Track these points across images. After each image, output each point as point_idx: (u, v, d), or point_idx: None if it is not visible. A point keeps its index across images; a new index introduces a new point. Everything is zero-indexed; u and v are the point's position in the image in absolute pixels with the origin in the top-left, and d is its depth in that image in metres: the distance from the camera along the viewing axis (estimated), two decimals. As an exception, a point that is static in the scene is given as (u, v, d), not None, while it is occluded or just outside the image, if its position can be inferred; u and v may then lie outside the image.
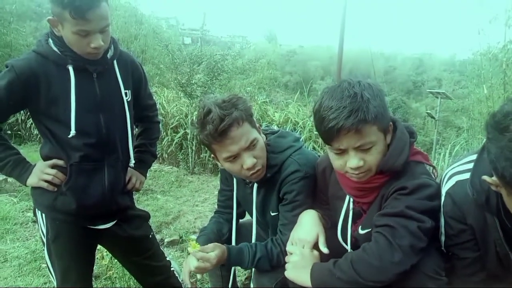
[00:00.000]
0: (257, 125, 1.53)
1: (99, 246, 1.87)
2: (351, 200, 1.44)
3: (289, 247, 1.46)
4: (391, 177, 1.32)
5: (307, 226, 1.47)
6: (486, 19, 6.34)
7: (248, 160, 1.45)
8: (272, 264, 1.55)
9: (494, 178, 0.99)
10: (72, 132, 1.48)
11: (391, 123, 1.31)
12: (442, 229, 1.27)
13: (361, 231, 1.41)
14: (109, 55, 1.57)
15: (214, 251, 1.46)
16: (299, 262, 1.39)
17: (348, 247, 1.47)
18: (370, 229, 1.36)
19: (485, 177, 1.03)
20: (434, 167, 1.39)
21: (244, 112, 1.43)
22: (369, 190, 1.37)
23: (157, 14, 16.59)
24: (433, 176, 1.35)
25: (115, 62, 1.60)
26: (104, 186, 1.59)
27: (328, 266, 1.30)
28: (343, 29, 10.70)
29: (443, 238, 1.28)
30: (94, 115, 1.54)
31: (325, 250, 1.42)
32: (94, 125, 1.54)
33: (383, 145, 1.28)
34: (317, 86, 18.19)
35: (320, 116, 1.23)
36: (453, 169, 1.27)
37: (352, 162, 1.25)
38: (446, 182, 1.25)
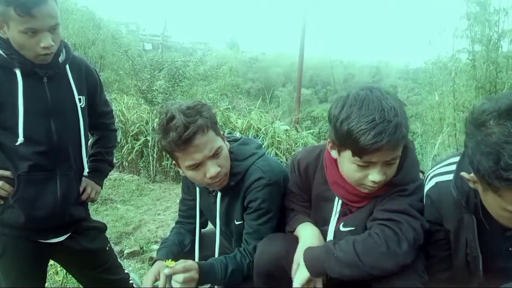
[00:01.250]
0: (221, 132, 1.51)
1: (52, 261, 1.76)
2: (340, 202, 1.42)
3: (294, 269, 1.38)
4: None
5: (313, 245, 1.39)
6: (436, 30, 6.72)
7: (212, 169, 1.41)
8: (243, 275, 1.52)
9: (472, 174, 1.02)
10: (20, 139, 1.40)
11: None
12: None
13: (342, 228, 1.41)
14: (60, 59, 1.50)
15: (192, 270, 1.37)
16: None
17: None
18: (353, 228, 1.37)
19: (464, 174, 1.06)
20: (422, 172, 1.43)
21: (209, 120, 1.40)
22: (368, 197, 1.36)
23: (116, 19, 16.20)
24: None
25: (67, 66, 1.53)
26: (56, 197, 1.51)
27: (326, 245, 1.29)
28: (303, 37, 10.96)
29: None
30: (44, 122, 1.47)
31: None
32: (44, 132, 1.46)
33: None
34: (278, 92, 18.42)
35: (356, 127, 1.14)
36: (434, 171, 1.31)
37: (376, 176, 1.21)
38: (427, 184, 1.29)
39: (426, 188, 1.28)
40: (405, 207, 1.25)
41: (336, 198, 1.42)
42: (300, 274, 1.33)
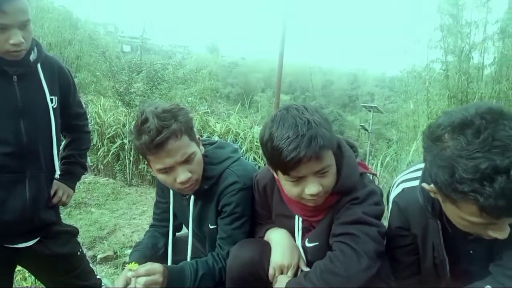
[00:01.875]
0: (197, 136, 1.49)
1: (19, 267, 1.70)
2: (301, 218, 1.44)
3: (271, 274, 1.40)
4: (343, 194, 1.34)
5: (288, 250, 1.42)
6: (411, 40, 6.93)
7: (182, 175, 1.39)
8: (215, 280, 1.49)
9: (432, 185, 1.05)
10: None
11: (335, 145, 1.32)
12: None
13: (308, 244, 1.42)
14: (32, 57, 1.46)
15: (155, 273, 1.34)
16: None
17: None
18: (317, 243, 1.38)
19: (424, 185, 1.09)
20: (374, 175, 1.44)
21: (184, 125, 1.37)
22: (321, 210, 1.37)
23: (94, 20, 15.89)
24: (375, 182, 1.41)
25: (39, 66, 1.49)
26: (25, 200, 1.46)
27: (299, 280, 1.30)
28: (283, 43, 11.02)
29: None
30: (13, 122, 1.42)
31: (307, 269, 1.39)
32: (13, 132, 1.42)
33: (334, 166, 1.28)
34: (258, 98, 18.51)
35: (276, 146, 1.19)
36: (401, 177, 1.34)
37: (311, 189, 1.23)
38: (394, 190, 1.31)
39: (393, 194, 1.30)
40: (359, 216, 1.26)
41: (296, 215, 1.44)
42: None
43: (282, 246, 1.43)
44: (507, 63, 5.80)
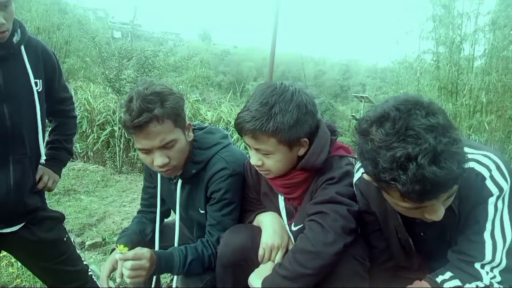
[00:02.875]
0: (188, 123, 1.47)
1: (4, 253, 1.68)
2: (283, 198, 1.47)
3: (261, 254, 1.42)
4: (317, 173, 1.38)
5: (278, 231, 1.44)
6: (403, 30, 6.93)
7: (158, 159, 1.38)
8: (204, 266, 1.50)
9: None
10: None
11: (306, 139, 1.34)
12: None
13: (293, 228, 1.45)
14: (15, 39, 1.42)
15: (142, 258, 1.34)
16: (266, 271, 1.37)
17: None
18: (301, 225, 1.40)
19: (365, 175, 1.11)
20: (355, 158, 1.45)
21: (170, 110, 1.35)
22: (294, 186, 1.41)
23: (83, 4, 15.60)
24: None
25: (22, 48, 1.45)
26: (9, 185, 1.43)
27: (274, 269, 1.32)
28: (275, 33, 10.96)
29: None
30: None
31: None
32: None
33: (284, 156, 1.33)
34: (250, 87, 18.44)
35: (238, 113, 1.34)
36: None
37: (251, 159, 1.38)
38: (355, 174, 1.33)
39: (354, 179, 1.33)
40: (331, 195, 1.30)
41: (279, 195, 1.49)
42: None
43: (272, 227, 1.45)
44: (497, 54, 5.83)
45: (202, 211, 1.58)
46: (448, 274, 1.14)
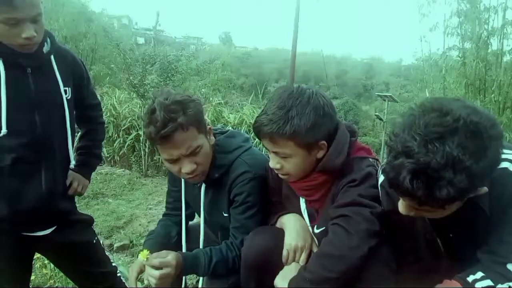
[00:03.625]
0: (208, 127, 1.49)
1: (38, 255, 1.75)
2: (304, 200, 1.47)
3: (285, 255, 1.43)
4: (338, 176, 1.37)
5: (301, 232, 1.45)
6: (427, 27, 6.78)
7: (187, 166, 1.41)
8: (228, 268, 1.52)
9: None
10: (3, 131, 1.37)
11: (324, 142, 1.34)
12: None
13: (316, 230, 1.44)
14: (45, 49, 1.48)
15: (170, 267, 1.36)
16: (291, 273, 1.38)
17: None
18: (324, 227, 1.40)
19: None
20: (377, 160, 1.45)
21: (192, 117, 1.37)
22: (314, 188, 1.41)
23: (108, 12, 16.04)
24: (377, 167, 1.41)
25: (52, 57, 1.51)
26: (41, 190, 1.48)
27: (299, 272, 1.33)
28: (296, 33, 10.93)
29: None
30: (28, 113, 1.44)
31: None
32: (28, 124, 1.44)
33: (302, 159, 1.34)
34: (271, 88, 18.40)
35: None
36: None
37: (270, 162, 1.39)
38: (381, 175, 1.31)
39: (380, 179, 1.31)
40: (353, 198, 1.29)
41: (300, 198, 1.49)
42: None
43: (295, 228, 1.46)
44: (527, 48, 5.62)
45: (225, 214, 1.60)
46: (480, 274, 1.11)
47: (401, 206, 1.09)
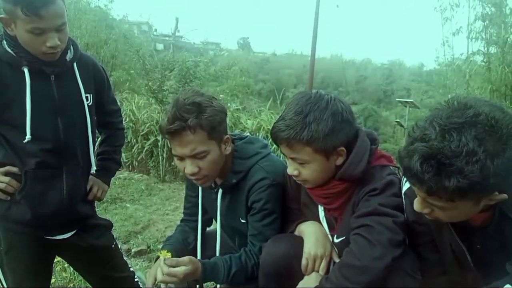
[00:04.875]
0: (225, 137, 1.47)
1: (58, 258, 1.77)
2: (323, 208, 1.45)
3: (304, 264, 1.41)
4: (358, 184, 1.34)
5: (320, 240, 1.43)
6: (450, 31, 6.65)
7: (188, 167, 1.42)
8: (247, 276, 1.51)
9: None
10: (28, 137, 1.41)
11: (343, 148, 1.31)
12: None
13: (336, 240, 1.42)
14: (68, 57, 1.51)
15: (187, 266, 1.37)
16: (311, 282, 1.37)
17: None
18: (344, 237, 1.38)
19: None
20: (398, 168, 1.40)
21: (205, 122, 1.36)
22: (333, 196, 1.39)
23: (128, 19, 16.38)
24: (398, 176, 1.38)
25: (75, 64, 1.54)
26: (62, 194, 1.51)
27: (321, 283, 1.31)
28: (315, 38, 10.90)
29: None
30: (51, 119, 1.47)
31: (338, 260, 1.39)
32: (51, 129, 1.47)
33: (320, 165, 1.32)
34: (290, 94, 18.40)
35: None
36: None
37: (288, 169, 1.37)
38: (404, 184, 1.28)
39: (404, 188, 1.28)
40: (374, 207, 1.26)
41: (319, 205, 1.47)
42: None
43: (315, 236, 1.43)
44: (556, 53, 5.44)
45: (243, 221, 1.59)
46: (508, 287, 1.06)
47: (416, 202, 1.08)
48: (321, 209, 1.46)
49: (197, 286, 1.64)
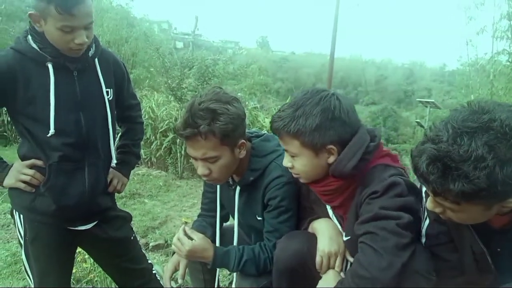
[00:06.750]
0: (240, 141, 1.46)
1: (80, 249, 1.81)
2: (329, 206, 1.45)
3: (319, 262, 1.41)
4: (360, 183, 1.32)
5: (334, 237, 1.43)
6: (474, 30, 6.48)
7: (200, 169, 1.46)
8: (258, 269, 1.52)
9: None
10: (51, 131, 1.45)
11: (332, 146, 1.30)
12: (424, 231, 1.28)
13: (344, 238, 1.42)
14: (90, 53, 1.55)
15: (198, 240, 1.48)
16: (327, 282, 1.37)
17: None
18: (350, 237, 1.37)
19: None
20: (403, 169, 1.37)
21: (218, 129, 1.36)
22: (331, 194, 1.38)
23: (149, 18, 16.60)
24: (405, 175, 1.34)
25: (96, 60, 1.58)
26: (84, 187, 1.55)
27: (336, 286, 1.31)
28: (334, 37, 10.80)
29: (423, 240, 1.29)
30: (74, 114, 1.51)
31: (352, 259, 1.39)
32: (74, 124, 1.51)
33: (309, 160, 1.33)
34: (308, 93, 18.28)
35: None
36: None
37: (284, 160, 1.41)
38: None
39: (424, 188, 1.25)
40: (375, 212, 1.23)
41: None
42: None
43: (328, 233, 1.43)
44: None
45: (259, 218, 1.60)
46: None
47: (428, 201, 1.09)
48: (328, 207, 1.46)
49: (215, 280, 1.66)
